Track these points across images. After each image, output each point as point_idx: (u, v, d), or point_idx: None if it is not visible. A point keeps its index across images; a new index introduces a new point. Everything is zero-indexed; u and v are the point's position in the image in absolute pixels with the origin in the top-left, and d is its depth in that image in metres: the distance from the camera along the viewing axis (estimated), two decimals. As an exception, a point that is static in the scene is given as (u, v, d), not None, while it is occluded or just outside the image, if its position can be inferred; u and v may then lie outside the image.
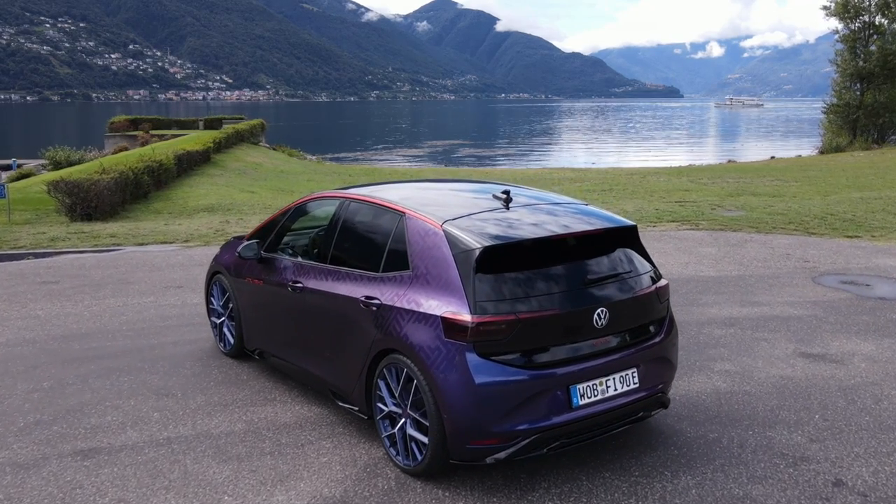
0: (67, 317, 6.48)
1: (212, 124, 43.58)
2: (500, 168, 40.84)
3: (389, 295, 3.74)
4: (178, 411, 4.42)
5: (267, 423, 4.25)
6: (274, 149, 41.00)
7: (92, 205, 12.24)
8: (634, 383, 3.69)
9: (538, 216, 3.85)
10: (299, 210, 4.99)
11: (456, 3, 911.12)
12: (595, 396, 3.53)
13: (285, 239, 5.02)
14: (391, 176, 29.20)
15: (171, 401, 4.59)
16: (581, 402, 3.49)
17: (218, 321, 5.53)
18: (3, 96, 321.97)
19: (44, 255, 9.26)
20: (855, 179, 22.65)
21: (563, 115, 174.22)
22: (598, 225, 3.83)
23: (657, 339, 3.85)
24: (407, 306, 3.60)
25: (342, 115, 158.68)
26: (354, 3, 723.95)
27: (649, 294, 3.82)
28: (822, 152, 42.66)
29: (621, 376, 3.65)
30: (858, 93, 44.62)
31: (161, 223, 11.89)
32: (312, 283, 4.31)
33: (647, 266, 3.98)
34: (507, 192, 3.99)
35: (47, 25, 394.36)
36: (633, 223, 4.00)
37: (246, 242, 4.95)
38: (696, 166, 36.58)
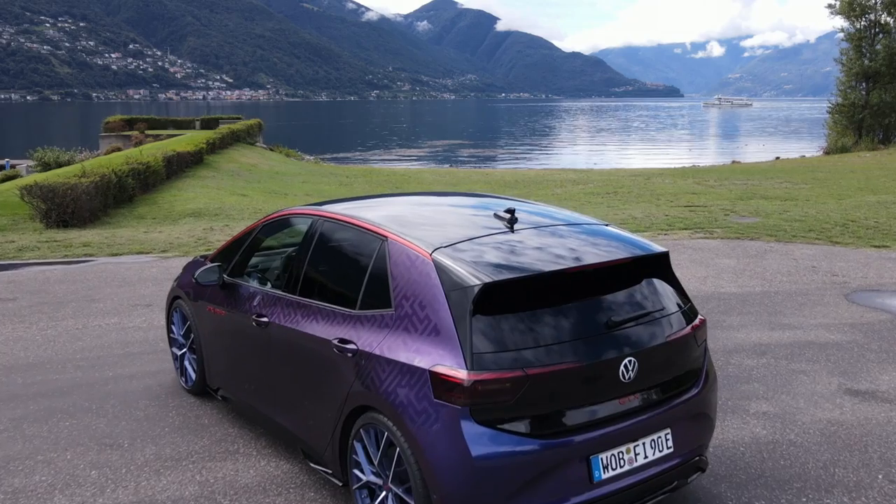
0: (16, 342, 5.79)
1: (208, 124, 42.93)
2: (501, 169, 40.13)
3: (367, 339, 3.04)
4: (120, 468, 3.73)
5: (224, 485, 3.55)
6: (271, 149, 40.30)
7: (68, 210, 11.55)
8: (668, 448, 3.00)
9: (550, 241, 3.14)
10: (267, 229, 4.29)
11: (456, 3, 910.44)
12: (621, 467, 2.84)
13: (252, 262, 4.32)
14: (389, 177, 28.52)
15: (115, 454, 3.89)
16: (604, 476, 2.79)
17: (179, 353, 4.83)
18: (3, 96, 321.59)
19: (7, 267, 8.57)
20: (866, 182, 21.95)
21: (564, 114, 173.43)
22: (625, 253, 3.12)
23: (694, 392, 3.15)
24: (388, 355, 2.90)
25: (342, 115, 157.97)
26: (355, 2, 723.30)
27: (685, 336, 3.12)
28: (827, 153, 42.02)
29: (652, 440, 2.95)
30: (864, 92, 43.95)
31: (141, 230, 11.19)
32: (279, 318, 3.62)
33: (682, 300, 3.29)
34: (511, 211, 3.30)
35: (47, 25, 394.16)
36: (665, 249, 3.30)
37: (206, 266, 4.25)
38: (700, 167, 35.90)
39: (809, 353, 5.40)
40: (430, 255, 2.95)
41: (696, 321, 3.24)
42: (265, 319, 3.69)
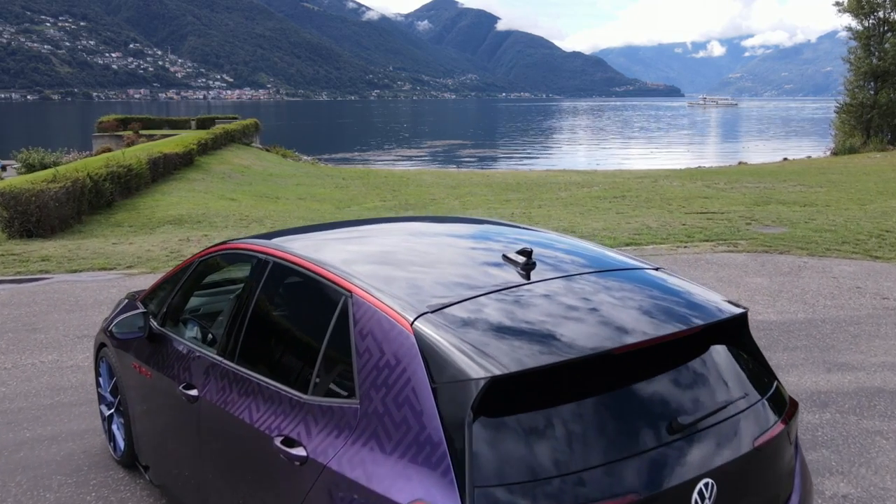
0: (-73, 388, 4.86)
1: (204, 124, 42.05)
2: (502, 170, 39.19)
3: (322, 442, 2.09)
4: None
5: None
6: (267, 150, 39.36)
7: (32, 219, 10.62)
8: None
9: (584, 299, 2.19)
10: (204, 266, 3.32)
11: (457, 2, 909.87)
12: None
13: (188, 305, 3.38)
14: (387, 179, 27.56)
15: (1, 563, 2.97)
16: None
17: (106, 413, 3.87)
18: (3, 95, 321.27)
19: (-49, 287, 7.64)
20: (884, 185, 21.00)
21: (565, 114, 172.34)
22: (690, 319, 2.15)
23: (790, 514, 2.21)
24: (349, 473, 1.95)
25: (342, 115, 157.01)
26: (355, 2, 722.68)
27: (778, 436, 2.18)
28: (834, 153, 41.14)
29: None
30: (872, 92, 43.06)
31: (110, 241, 10.26)
32: (211, 393, 2.67)
33: (766, 378, 2.35)
34: (527, 254, 2.37)
35: (48, 24, 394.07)
36: (743, 309, 2.36)
37: (130, 313, 3.30)
38: (707, 168, 34.94)
39: (882, 406, 4.46)
40: (411, 324, 2.01)
41: (788, 408, 2.31)
42: (194, 392, 2.75)
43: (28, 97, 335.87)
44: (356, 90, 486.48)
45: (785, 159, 41.92)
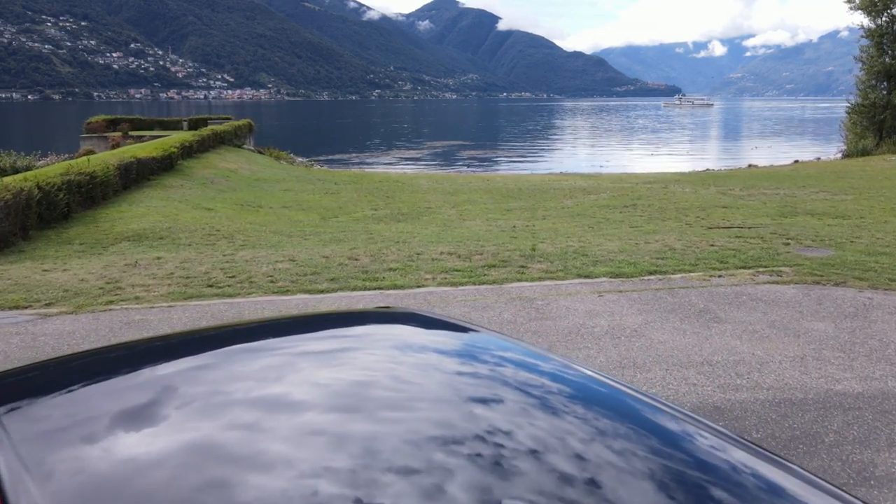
0: None
1: (197, 125, 40.62)
2: (503, 173, 37.72)
3: None
4: None
5: None
6: (260, 152, 37.93)
7: (-43, 239, 9.21)
8: None
9: None
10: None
11: (458, 2, 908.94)
12: None
13: None
14: (381, 184, 26.08)
15: None
16: None
17: None
18: (4, 95, 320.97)
19: None
20: (915, 192, 19.56)
21: (566, 114, 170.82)
22: None
23: None
24: None
25: (342, 115, 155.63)
26: (356, 1, 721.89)
27: None
28: (846, 156, 39.79)
29: None
30: (885, 92, 41.69)
31: (43, 267, 8.79)
32: None
33: None
34: None
35: (49, 24, 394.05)
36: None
37: None
38: (716, 172, 33.52)
39: None
40: None
41: None
42: None
43: (29, 97, 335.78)
44: (357, 90, 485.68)
45: (796, 161, 40.52)
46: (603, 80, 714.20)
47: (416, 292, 7.19)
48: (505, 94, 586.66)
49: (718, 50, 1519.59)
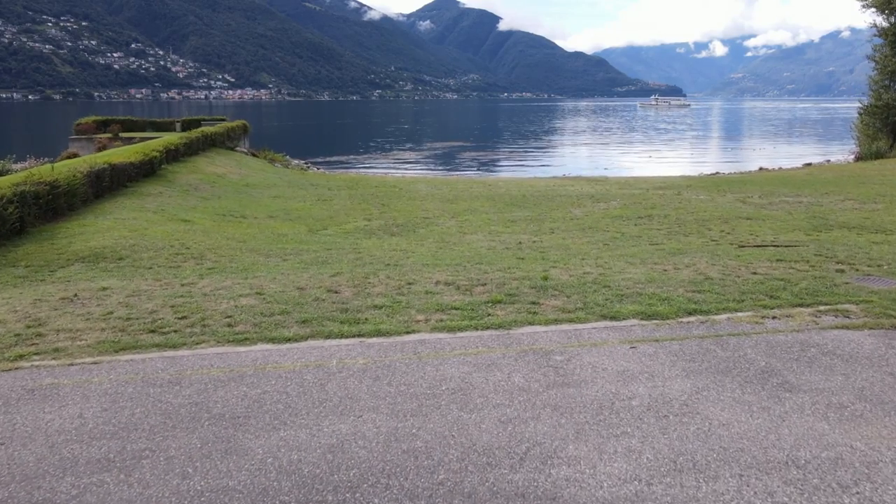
0: None
1: (190, 126, 39.26)
2: (505, 177, 36.29)
3: None
4: None
5: None
6: (254, 154, 36.50)
7: None
8: None
9: None
10: None
11: (458, 2, 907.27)
12: None
13: None
14: (378, 189, 24.68)
15: None
16: None
17: None
18: (5, 95, 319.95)
19: None
20: (950, 200, 18.19)
21: (567, 114, 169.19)
22: None
23: None
24: None
25: (342, 115, 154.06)
26: (357, 1, 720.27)
27: None
28: (859, 158, 38.44)
29: None
30: (899, 92, 40.30)
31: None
32: None
33: None
34: None
35: (49, 24, 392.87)
36: None
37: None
38: (728, 176, 32.12)
39: None
40: None
41: None
42: None
43: (30, 97, 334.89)
44: (358, 90, 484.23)
45: (809, 164, 39.12)
46: (604, 81, 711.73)
47: (404, 341, 5.81)
48: (506, 94, 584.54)
49: (719, 50, 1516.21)
